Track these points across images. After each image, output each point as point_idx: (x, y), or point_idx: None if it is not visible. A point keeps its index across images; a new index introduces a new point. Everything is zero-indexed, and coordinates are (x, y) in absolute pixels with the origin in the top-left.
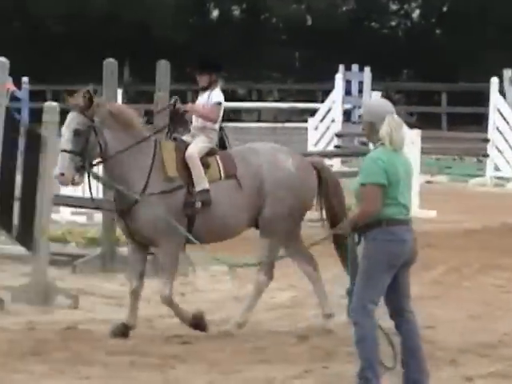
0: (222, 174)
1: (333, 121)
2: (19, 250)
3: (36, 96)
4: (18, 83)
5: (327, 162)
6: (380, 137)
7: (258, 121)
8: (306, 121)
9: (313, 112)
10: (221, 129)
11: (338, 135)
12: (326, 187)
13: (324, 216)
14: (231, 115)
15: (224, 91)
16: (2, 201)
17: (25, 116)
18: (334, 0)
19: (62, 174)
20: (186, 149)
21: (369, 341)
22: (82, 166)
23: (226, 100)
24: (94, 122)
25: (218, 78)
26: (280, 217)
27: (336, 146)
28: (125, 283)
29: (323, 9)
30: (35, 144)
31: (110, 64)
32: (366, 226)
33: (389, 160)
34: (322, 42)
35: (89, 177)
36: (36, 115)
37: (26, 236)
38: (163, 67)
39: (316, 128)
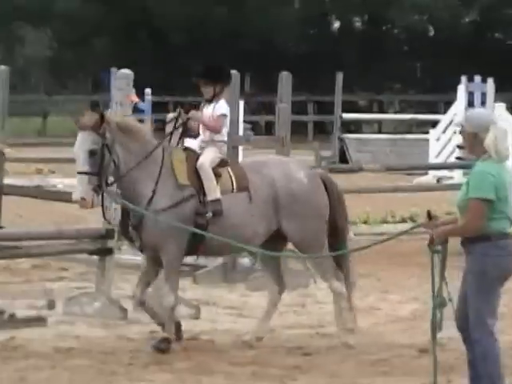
0: (235, 186)
1: (455, 132)
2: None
3: (159, 107)
4: (141, 94)
5: (448, 173)
6: (485, 147)
7: (379, 132)
8: (426, 132)
9: (434, 123)
10: (341, 140)
11: (460, 147)
12: (331, 199)
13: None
14: (352, 127)
15: (346, 103)
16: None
17: None
18: (456, 10)
19: (84, 199)
20: (197, 159)
21: (490, 358)
22: (99, 186)
23: (346, 111)
24: (107, 139)
25: (223, 90)
26: (305, 230)
27: (457, 158)
28: (246, 294)
29: (446, 19)
30: None
31: (232, 76)
32: (472, 240)
33: (498, 174)
34: (444, 53)
35: (103, 196)
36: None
37: None
38: (285, 79)
39: (438, 139)
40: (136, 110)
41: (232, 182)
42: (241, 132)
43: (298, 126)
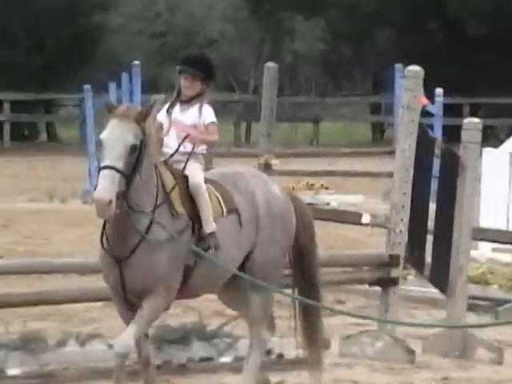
0: (224, 209)
1: None
2: (432, 292)
3: (451, 111)
4: (430, 96)
5: None
6: None
7: None
8: None
9: None
10: None
11: None
12: (298, 218)
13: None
14: None
15: None
16: (413, 234)
17: (438, 134)
18: None
19: (110, 201)
20: (184, 177)
21: None
22: (123, 194)
23: None
24: (146, 136)
25: (206, 90)
26: (274, 257)
27: None
28: None
29: None
30: (451, 167)
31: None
32: None
33: None
34: None
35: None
36: (450, 133)
37: (440, 276)
38: None
39: None
40: (425, 113)
41: (220, 204)
42: None
43: None
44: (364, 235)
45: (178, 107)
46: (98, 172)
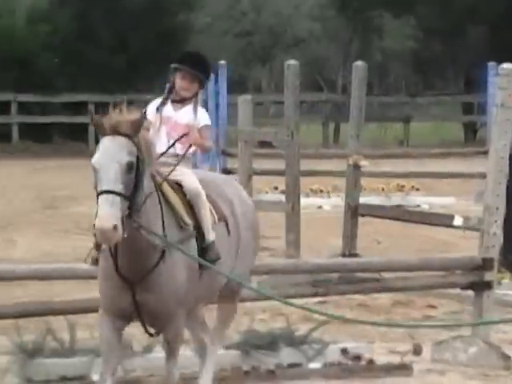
0: (215, 216)
1: None
2: None
3: None
4: None
5: None
6: None
7: None
8: None
9: None
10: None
11: None
12: None
13: None
14: None
15: None
16: (508, 236)
17: None
18: None
19: (115, 227)
20: (177, 184)
21: None
22: (129, 215)
23: None
24: (141, 151)
25: (202, 91)
26: (250, 267)
27: None
28: None
29: None
30: None
31: None
32: None
33: None
34: None
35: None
36: None
37: None
38: None
39: None
40: None
41: (211, 211)
42: None
43: None
44: (455, 238)
45: (169, 105)
46: (97, 198)
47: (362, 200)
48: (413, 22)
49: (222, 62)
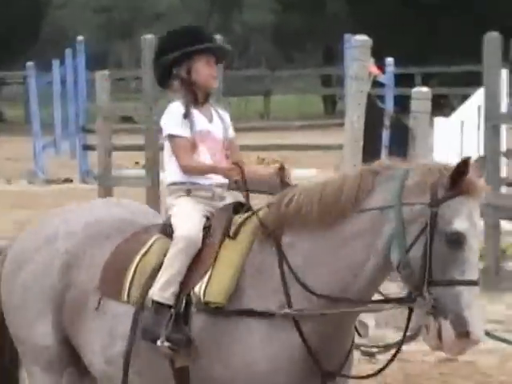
0: None
1: None
2: None
3: (402, 81)
4: (381, 66)
5: None
6: None
7: None
8: None
9: None
10: None
11: None
12: None
13: None
14: None
15: None
16: None
17: (389, 105)
18: None
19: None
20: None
21: None
22: None
23: None
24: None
25: None
26: None
27: None
28: None
29: None
30: (402, 137)
31: (492, 39)
32: None
33: None
34: None
35: None
36: (403, 103)
37: None
38: None
39: None
40: (376, 83)
41: None
42: (504, 108)
43: None
44: None
45: (196, 113)
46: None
47: None
48: None
49: (80, 37)
